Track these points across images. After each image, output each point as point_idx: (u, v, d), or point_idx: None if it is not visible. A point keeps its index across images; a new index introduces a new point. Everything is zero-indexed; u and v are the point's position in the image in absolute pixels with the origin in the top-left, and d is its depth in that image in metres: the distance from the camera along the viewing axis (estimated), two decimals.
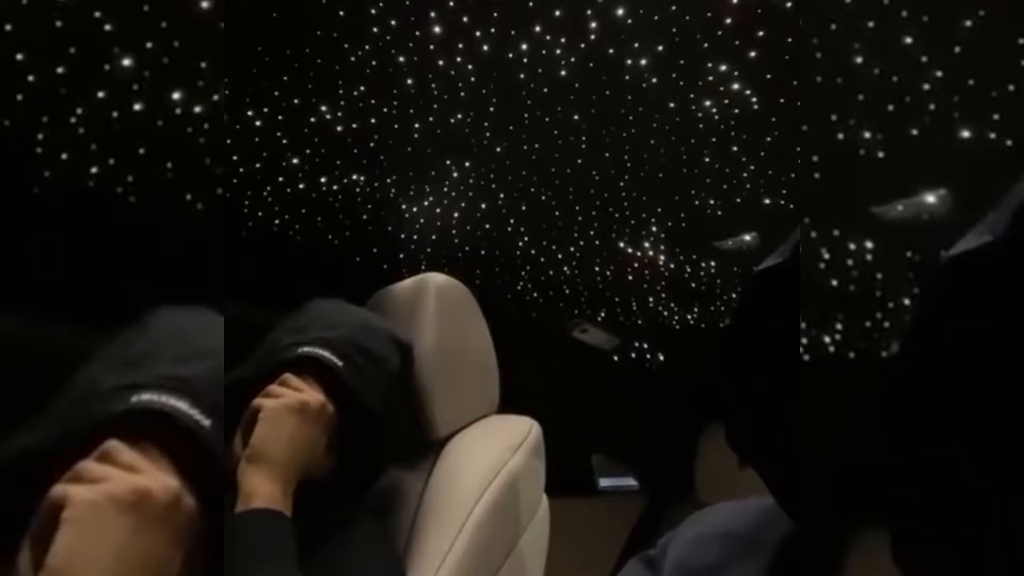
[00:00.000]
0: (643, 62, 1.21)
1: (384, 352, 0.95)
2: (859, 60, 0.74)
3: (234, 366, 0.90)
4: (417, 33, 1.16)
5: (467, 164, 1.49)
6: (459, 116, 1.35)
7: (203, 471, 0.55)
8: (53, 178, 0.87)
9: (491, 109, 1.33)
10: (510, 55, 1.20)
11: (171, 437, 0.54)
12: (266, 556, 0.74)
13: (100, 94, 0.86)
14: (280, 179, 1.48)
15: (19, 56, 0.78)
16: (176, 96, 0.87)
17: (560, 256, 1.82)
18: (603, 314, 2.10)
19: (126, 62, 0.85)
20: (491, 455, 1.06)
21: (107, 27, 0.81)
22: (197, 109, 0.87)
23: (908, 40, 0.71)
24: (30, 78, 0.80)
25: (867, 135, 0.71)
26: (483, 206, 1.63)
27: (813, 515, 0.52)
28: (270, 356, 0.90)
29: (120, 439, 0.54)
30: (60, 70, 0.82)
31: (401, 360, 0.99)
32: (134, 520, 0.50)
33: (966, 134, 0.67)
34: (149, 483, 0.51)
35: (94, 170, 0.87)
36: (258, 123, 1.31)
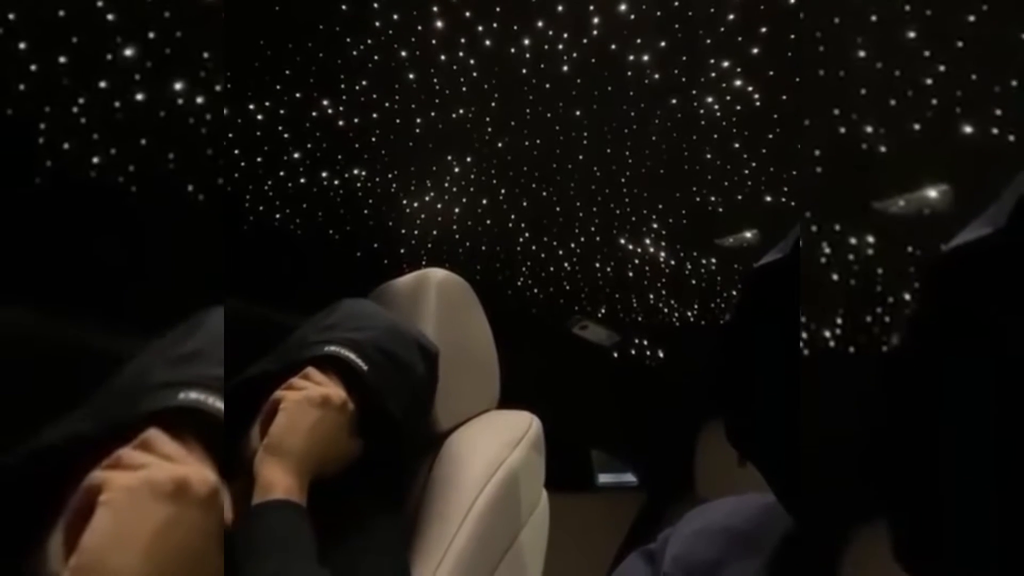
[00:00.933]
0: (645, 58, 1.21)
1: (410, 360, 0.95)
2: (861, 54, 0.74)
3: (234, 361, 0.90)
4: (419, 28, 1.16)
5: (468, 159, 1.49)
6: (461, 111, 1.35)
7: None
8: (55, 168, 0.87)
9: (493, 104, 1.33)
10: (512, 50, 1.20)
11: (210, 436, 0.55)
12: (284, 547, 0.74)
13: (102, 84, 0.86)
14: (281, 173, 1.48)
15: (21, 45, 0.78)
16: (178, 87, 0.87)
17: (561, 252, 1.82)
18: (603, 310, 2.10)
19: (128, 52, 0.85)
20: (491, 450, 1.07)
21: (109, 17, 0.81)
22: (199, 100, 0.87)
23: (910, 35, 0.71)
24: (32, 68, 0.80)
25: (869, 129, 0.70)
26: (484, 201, 1.63)
27: (813, 511, 0.52)
28: (296, 351, 0.90)
29: (163, 431, 0.54)
30: (62, 60, 0.82)
31: (426, 368, 0.99)
32: (171, 508, 0.50)
33: (968, 129, 0.67)
34: (188, 473, 0.52)
35: (96, 160, 0.87)
36: (259, 117, 1.31)
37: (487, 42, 1.19)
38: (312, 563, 0.75)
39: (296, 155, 1.43)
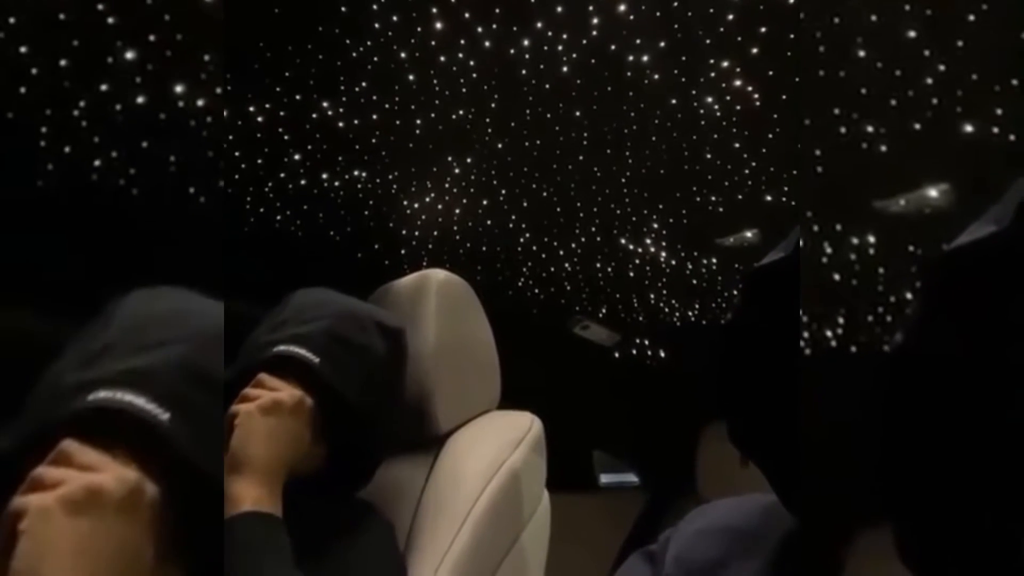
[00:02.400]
0: (645, 58, 1.21)
1: (365, 341, 0.94)
2: (862, 54, 0.74)
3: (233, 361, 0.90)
4: (419, 29, 1.16)
5: (469, 160, 1.49)
6: (461, 112, 1.35)
7: (166, 464, 0.54)
8: (56, 171, 0.87)
9: (493, 105, 1.33)
10: (512, 51, 1.20)
11: (129, 432, 0.53)
12: (259, 558, 0.74)
13: (103, 87, 0.86)
14: (282, 175, 1.48)
15: (22, 49, 0.78)
16: (179, 89, 0.87)
17: (561, 252, 1.82)
18: (604, 310, 2.10)
19: (129, 55, 0.85)
20: (492, 451, 1.07)
21: (110, 20, 0.81)
22: (200, 103, 0.87)
23: (911, 34, 0.71)
24: (33, 71, 0.80)
25: (869, 129, 0.70)
26: (484, 202, 1.63)
27: (814, 511, 0.52)
28: (249, 357, 0.89)
29: (80, 437, 0.53)
30: (63, 63, 0.82)
31: (388, 346, 0.97)
32: (90, 519, 0.49)
33: (969, 129, 0.67)
34: (103, 479, 0.51)
35: (97, 163, 0.87)
36: (260, 119, 1.31)
37: (487, 43, 1.19)
38: (287, 568, 0.75)
39: (296, 157, 1.43)
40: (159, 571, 0.54)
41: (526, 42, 1.18)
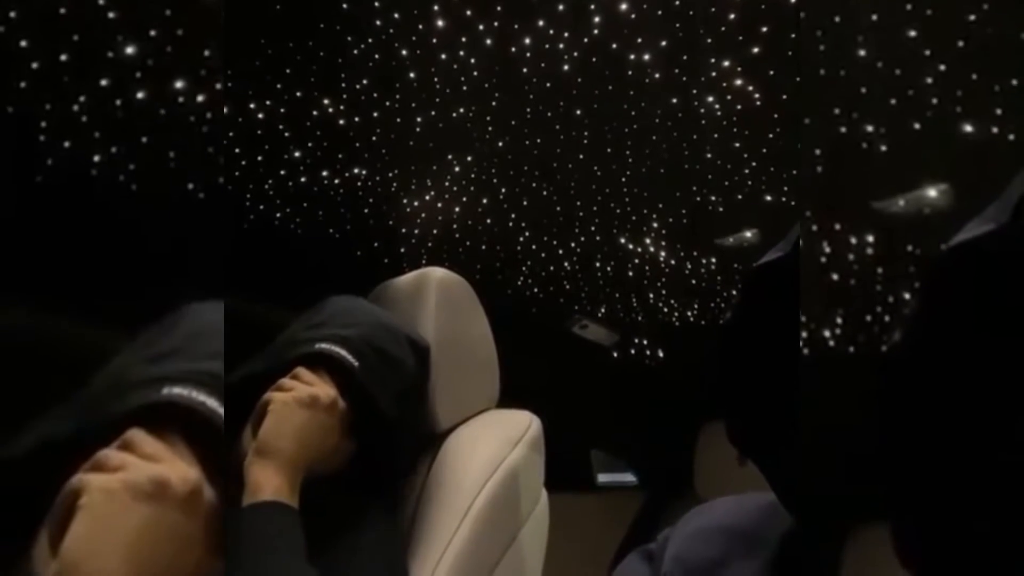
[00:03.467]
0: (646, 57, 1.21)
1: (400, 355, 0.95)
2: (862, 53, 0.74)
3: (234, 360, 0.90)
4: (420, 27, 1.16)
5: (469, 159, 1.49)
6: (461, 110, 1.35)
7: (218, 467, 0.55)
8: (55, 166, 0.86)
9: (493, 104, 1.33)
10: (513, 49, 1.20)
11: (196, 431, 0.54)
12: (273, 547, 0.74)
13: (103, 82, 0.86)
14: (282, 172, 1.48)
15: (22, 43, 0.78)
16: (179, 85, 0.87)
17: (561, 252, 1.82)
18: (603, 310, 2.10)
19: (129, 50, 0.85)
20: (491, 449, 1.07)
21: (110, 15, 0.81)
22: (200, 98, 0.86)
23: (911, 34, 0.71)
24: (33, 65, 0.80)
25: (869, 128, 0.70)
26: (484, 201, 1.63)
27: (813, 510, 0.52)
28: (286, 351, 0.90)
29: (145, 430, 0.54)
30: (63, 57, 0.82)
31: (417, 363, 0.98)
32: (151, 508, 0.50)
33: (969, 129, 0.67)
34: (168, 472, 0.51)
35: (96, 158, 0.87)
36: (260, 116, 1.31)
37: (488, 41, 1.19)
38: (300, 563, 0.75)
39: (297, 154, 1.43)
40: (204, 567, 0.54)
41: (527, 40, 1.18)
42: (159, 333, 0.62)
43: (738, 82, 1.22)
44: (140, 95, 0.88)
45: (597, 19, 1.15)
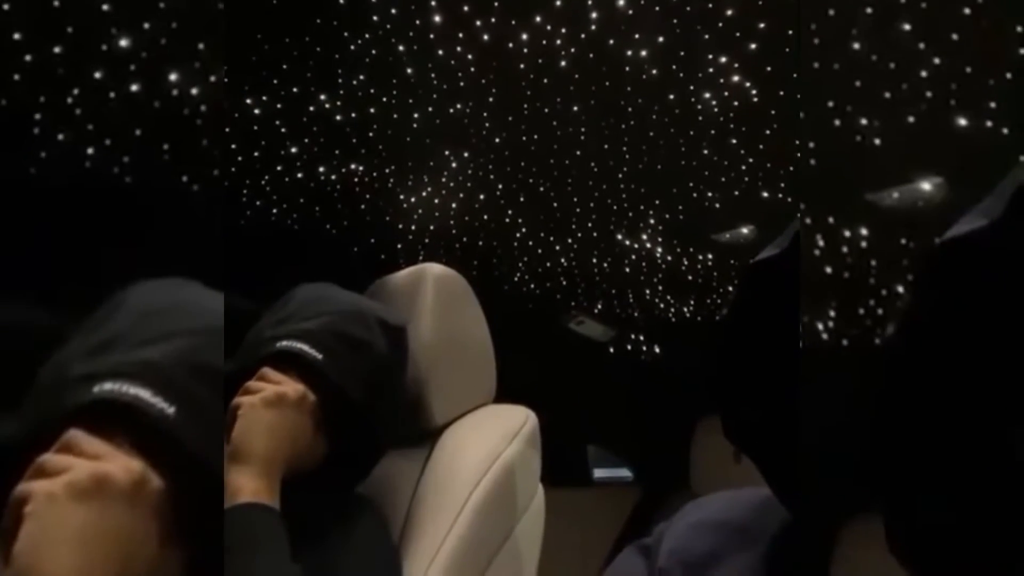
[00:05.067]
0: (643, 53, 1.21)
1: (368, 337, 0.94)
2: (857, 47, 0.74)
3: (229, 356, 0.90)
4: (417, 22, 1.16)
5: (466, 154, 1.49)
6: (458, 106, 1.34)
7: (170, 456, 0.54)
8: (49, 159, 0.86)
9: (491, 99, 1.33)
10: (510, 45, 1.20)
11: (135, 425, 0.54)
12: (255, 549, 0.74)
13: (97, 74, 0.85)
14: (279, 168, 1.48)
15: (16, 35, 0.78)
16: (174, 77, 0.87)
17: (558, 247, 1.82)
18: (600, 306, 2.10)
19: (123, 43, 0.84)
20: (487, 444, 1.07)
21: (105, 7, 0.81)
22: (195, 91, 0.86)
23: (906, 27, 0.71)
24: (27, 57, 0.80)
25: (864, 122, 0.70)
26: (481, 197, 1.63)
27: (808, 505, 0.52)
28: (252, 350, 0.89)
29: (87, 428, 0.53)
30: (57, 50, 0.82)
31: (389, 343, 0.97)
32: (95, 506, 0.50)
33: (963, 122, 0.67)
34: (109, 468, 0.51)
35: (90, 151, 0.87)
36: (257, 111, 1.31)
37: (485, 37, 1.19)
38: (282, 562, 0.75)
39: (294, 149, 1.43)
40: (161, 562, 0.54)
41: (524, 36, 1.18)
42: (97, 321, 0.61)
43: (735, 78, 1.22)
44: (135, 88, 0.87)
45: (594, 15, 1.14)
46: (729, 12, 1.09)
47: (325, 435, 0.90)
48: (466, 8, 1.13)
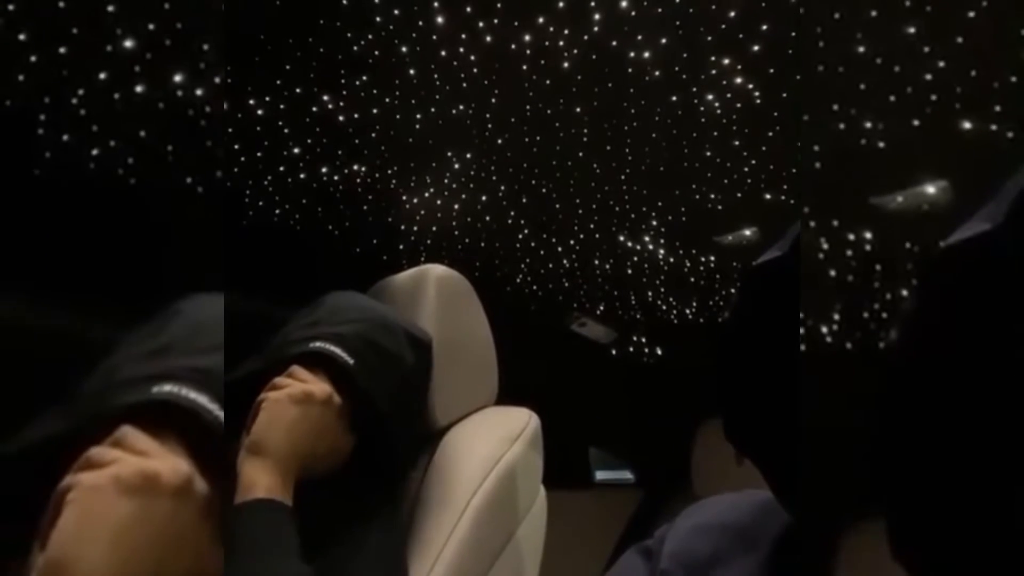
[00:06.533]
0: (646, 55, 1.21)
1: (398, 351, 0.94)
2: (861, 49, 0.74)
3: (235, 357, 0.90)
4: (420, 23, 1.16)
5: (468, 156, 1.49)
6: (461, 107, 1.34)
7: (220, 464, 0.55)
8: (53, 159, 0.86)
9: (493, 101, 1.33)
10: (513, 46, 1.20)
11: (188, 428, 0.54)
12: (266, 546, 0.73)
13: (102, 76, 0.85)
14: (281, 169, 1.48)
15: (21, 36, 0.78)
16: (177, 78, 0.87)
17: (560, 249, 1.82)
18: (602, 307, 2.10)
19: (128, 44, 0.84)
20: (489, 446, 1.07)
21: (109, 8, 0.81)
22: (198, 92, 0.86)
23: (910, 30, 0.71)
24: (32, 58, 0.80)
25: (868, 125, 0.70)
26: (484, 198, 1.63)
27: (810, 508, 0.52)
28: (282, 349, 0.89)
29: (137, 426, 0.53)
30: (62, 51, 0.82)
31: (416, 357, 0.98)
32: (140, 501, 0.50)
33: (967, 125, 0.67)
34: (158, 466, 0.51)
35: (95, 152, 0.87)
36: (259, 112, 1.31)
37: (488, 38, 1.19)
38: (294, 561, 0.74)
39: (296, 150, 1.43)
40: (200, 564, 0.54)
41: (527, 37, 1.18)
42: (157, 327, 0.62)
43: (738, 80, 1.22)
44: (139, 89, 0.87)
45: (597, 16, 1.14)
46: (732, 14, 1.09)
47: (346, 440, 0.90)
48: (469, 9, 1.13)
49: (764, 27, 1.09)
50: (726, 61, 1.19)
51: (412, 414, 0.99)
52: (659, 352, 2.27)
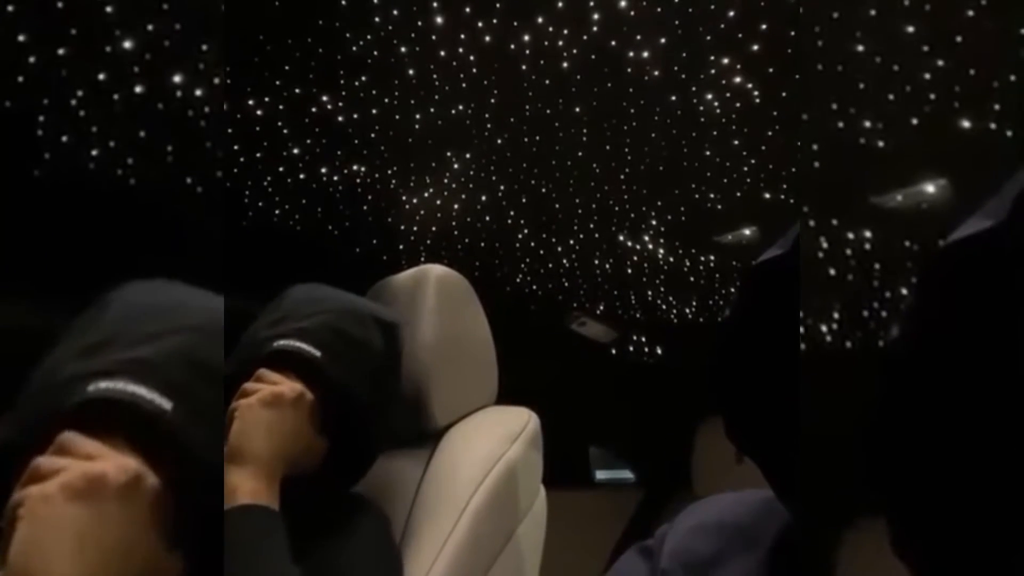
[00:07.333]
0: (645, 55, 1.21)
1: (365, 336, 0.93)
2: (860, 48, 0.74)
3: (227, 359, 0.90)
4: (419, 23, 1.16)
5: (468, 156, 1.49)
6: (460, 107, 1.35)
7: (167, 454, 0.54)
8: (53, 160, 0.86)
9: (492, 101, 1.33)
10: (512, 47, 1.20)
11: (131, 423, 0.54)
12: (254, 550, 0.73)
13: (101, 76, 0.85)
14: (281, 169, 1.48)
15: (20, 37, 0.78)
16: (177, 79, 0.87)
17: (560, 248, 1.82)
18: (602, 307, 2.10)
19: (127, 45, 0.84)
20: (489, 445, 1.07)
21: (108, 9, 0.81)
22: (198, 92, 0.86)
23: (909, 29, 0.71)
24: (31, 59, 0.80)
25: (867, 124, 0.70)
26: (483, 198, 1.63)
27: (810, 507, 0.52)
28: (248, 352, 0.89)
29: (81, 428, 0.53)
30: (61, 52, 0.82)
31: (385, 340, 0.97)
32: (90, 505, 0.50)
33: (966, 124, 0.67)
34: (104, 467, 0.51)
35: (94, 153, 0.87)
36: (259, 113, 1.31)
37: (487, 38, 1.19)
38: (282, 563, 0.74)
39: (296, 150, 1.43)
40: (159, 559, 0.54)
41: (526, 37, 1.18)
42: (90, 320, 0.61)
43: (737, 80, 1.22)
44: (138, 90, 0.87)
45: (596, 16, 1.15)
46: (731, 13, 1.09)
47: (324, 434, 0.90)
48: (468, 9, 1.13)
49: (763, 27, 1.09)
50: (725, 61, 1.19)
51: (387, 399, 0.98)
52: (659, 351, 2.27)
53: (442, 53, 1.22)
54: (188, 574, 0.56)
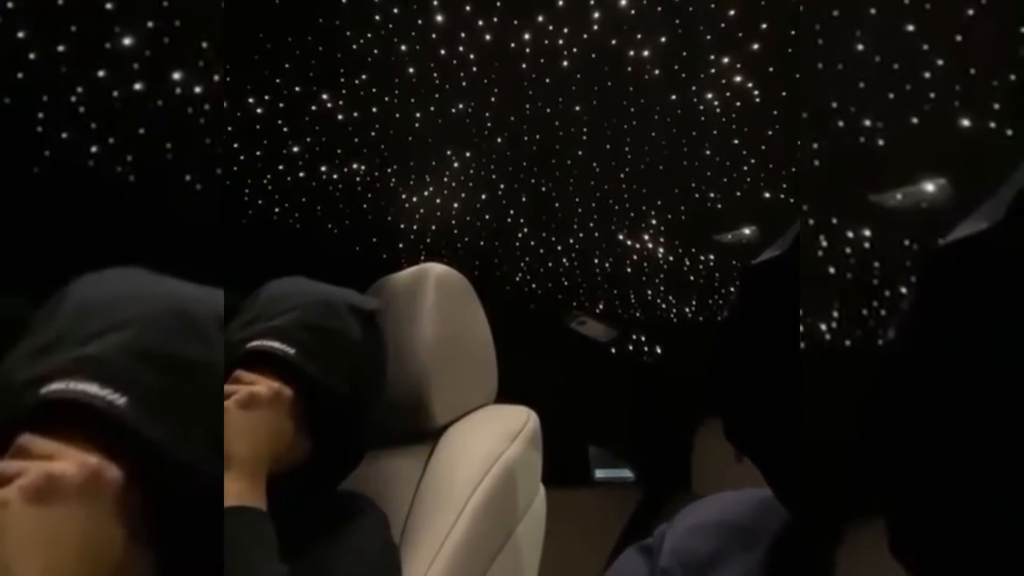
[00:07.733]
0: (645, 54, 1.21)
1: (340, 327, 0.93)
2: (860, 47, 0.74)
3: None
4: (419, 22, 1.16)
5: (468, 154, 1.49)
6: (460, 106, 1.34)
7: (127, 448, 0.54)
8: (53, 157, 0.86)
9: (492, 99, 1.33)
10: (512, 45, 1.20)
11: (88, 421, 0.53)
12: (244, 552, 0.74)
13: (101, 74, 0.85)
14: (280, 167, 1.48)
15: (20, 34, 0.78)
16: (176, 76, 0.87)
17: (559, 247, 1.82)
18: (601, 306, 2.10)
19: (127, 42, 0.84)
20: (489, 444, 1.07)
21: (108, 6, 0.81)
22: (197, 90, 0.86)
23: (910, 28, 0.71)
24: (31, 56, 0.80)
25: (867, 123, 0.70)
26: (483, 197, 1.63)
27: (810, 506, 0.52)
28: (225, 354, 0.89)
29: (39, 431, 0.53)
30: (61, 48, 0.82)
31: (364, 329, 0.96)
32: (52, 506, 0.50)
33: (966, 123, 0.67)
34: (61, 466, 0.51)
35: (94, 150, 0.87)
36: (259, 111, 1.31)
37: (487, 37, 1.18)
38: (271, 563, 0.75)
39: (295, 149, 1.43)
40: (129, 554, 0.54)
41: (526, 36, 1.18)
42: (44, 317, 0.60)
43: (737, 79, 1.22)
44: (138, 87, 0.87)
45: (596, 15, 1.14)
46: (731, 12, 1.09)
47: (307, 431, 0.89)
48: (468, 8, 1.13)
49: (763, 26, 1.09)
50: (725, 60, 1.19)
51: (370, 389, 0.98)
52: (659, 351, 2.27)
53: (442, 51, 1.21)
54: (162, 566, 0.56)
